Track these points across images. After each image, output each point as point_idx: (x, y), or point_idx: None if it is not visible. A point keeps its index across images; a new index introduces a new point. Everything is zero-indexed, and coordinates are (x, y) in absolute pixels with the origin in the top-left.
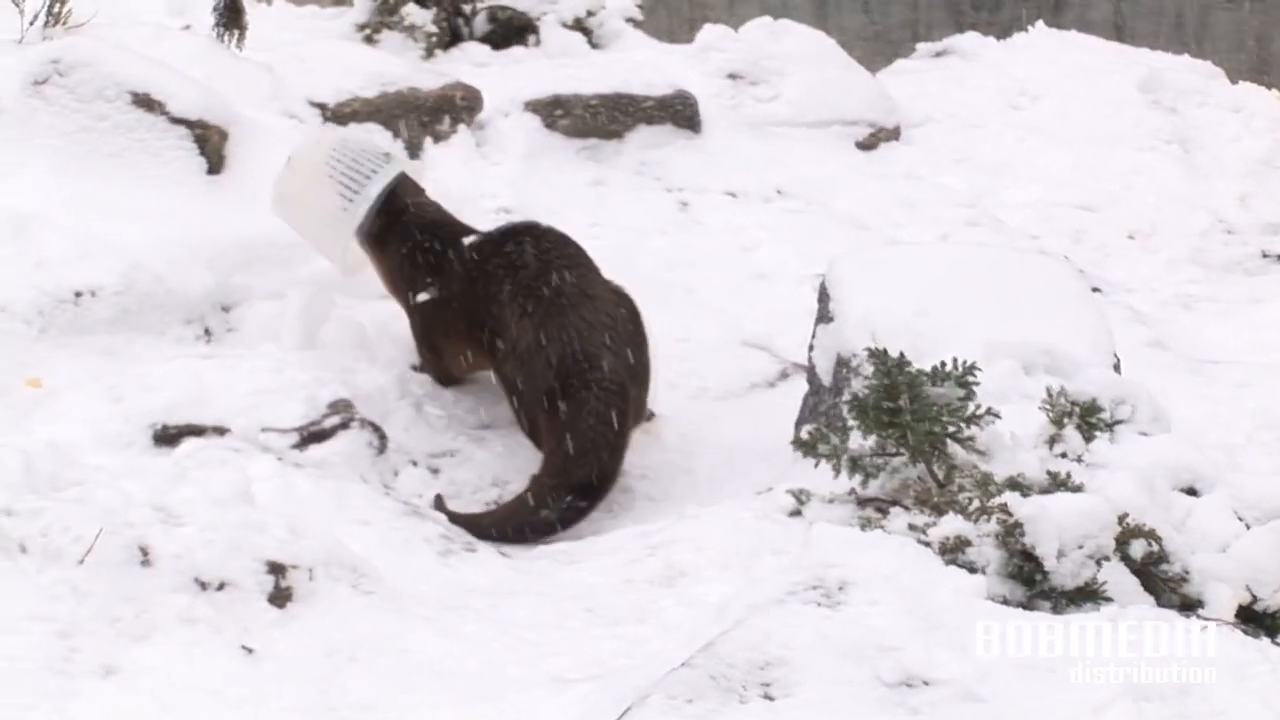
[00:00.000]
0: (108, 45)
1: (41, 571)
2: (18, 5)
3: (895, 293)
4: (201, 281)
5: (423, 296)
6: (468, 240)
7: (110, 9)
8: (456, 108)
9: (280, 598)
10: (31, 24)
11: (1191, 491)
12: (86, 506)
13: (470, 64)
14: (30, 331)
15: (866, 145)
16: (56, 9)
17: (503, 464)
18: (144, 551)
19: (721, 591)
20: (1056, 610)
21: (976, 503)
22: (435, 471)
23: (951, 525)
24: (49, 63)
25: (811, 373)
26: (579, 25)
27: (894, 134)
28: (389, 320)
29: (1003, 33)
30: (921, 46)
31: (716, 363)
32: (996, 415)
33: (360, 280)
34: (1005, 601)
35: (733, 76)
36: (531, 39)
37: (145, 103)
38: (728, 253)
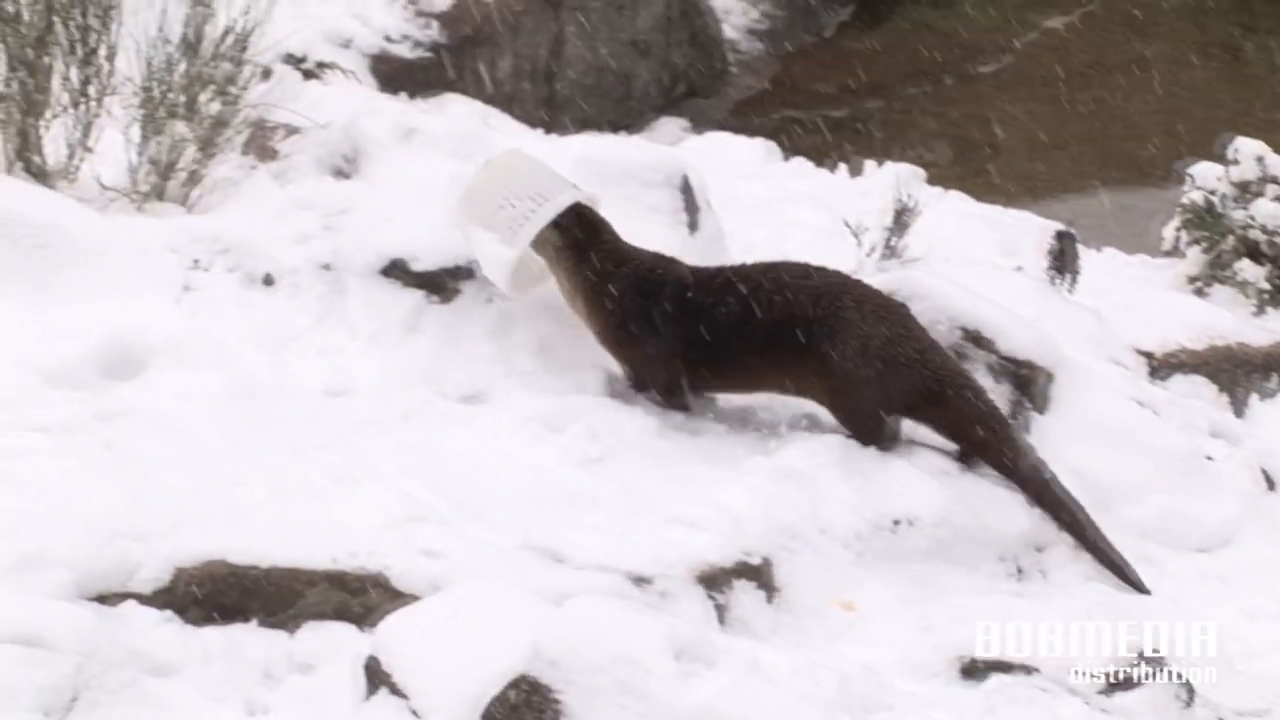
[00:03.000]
0: (942, 280)
1: None
2: (857, 238)
3: None
4: (1017, 519)
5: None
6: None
7: (943, 246)
8: None
9: None
10: (868, 255)
11: None
12: None
13: None
14: (848, 555)
15: None
16: (893, 243)
17: None
18: None
19: None
20: None
21: None
22: None
23: None
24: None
25: None
26: None
27: None
28: None
29: None
30: None
31: None
32: None
33: None
34: None
35: None
36: None
37: (975, 339)
38: None
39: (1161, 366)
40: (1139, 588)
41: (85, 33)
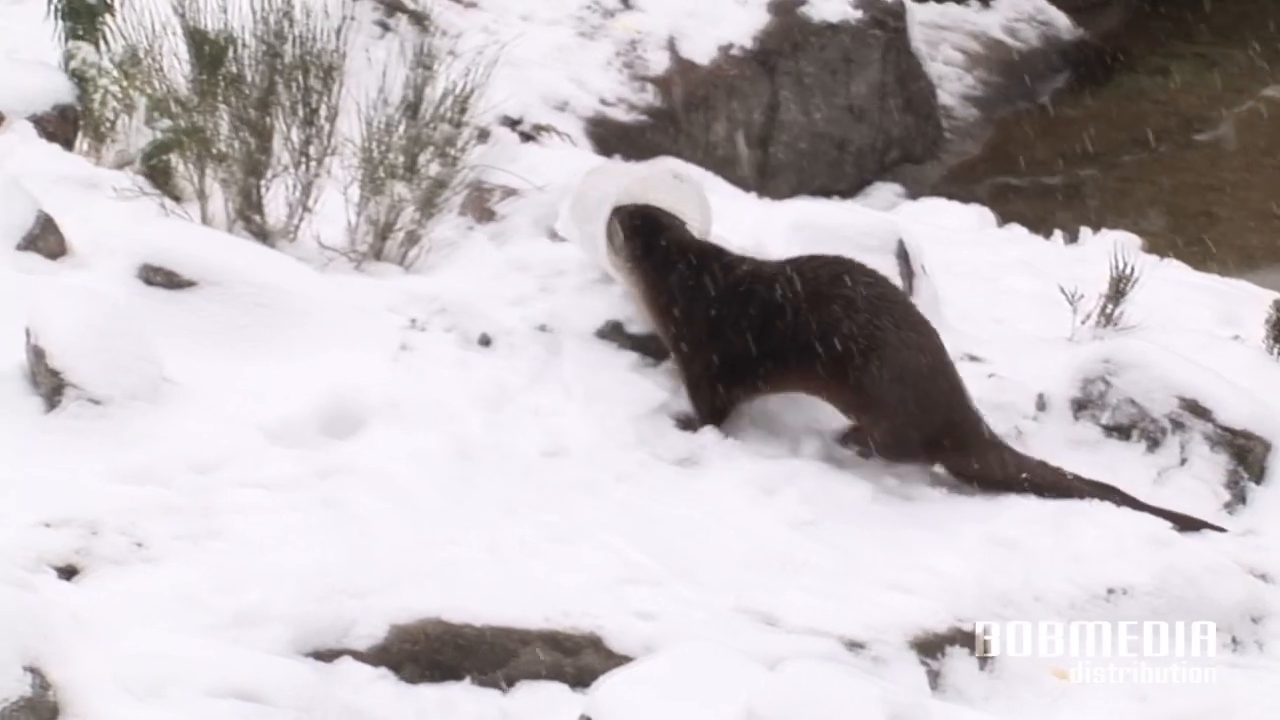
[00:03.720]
0: (1159, 349)
1: None
2: (1073, 306)
3: None
4: (1233, 589)
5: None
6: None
7: (1159, 315)
8: None
9: None
10: (1084, 323)
11: None
12: None
13: None
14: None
15: None
16: (1110, 311)
17: None
18: None
19: None
20: None
21: None
22: None
23: None
24: (1100, 361)
25: None
26: None
27: None
28: None
29: None
30: None
31: None
32: None
33: None
34: None
35: None
36: None
37: (1192, 408)
38: None
39: None
40: (1213, 527)
41: (307, 94)
